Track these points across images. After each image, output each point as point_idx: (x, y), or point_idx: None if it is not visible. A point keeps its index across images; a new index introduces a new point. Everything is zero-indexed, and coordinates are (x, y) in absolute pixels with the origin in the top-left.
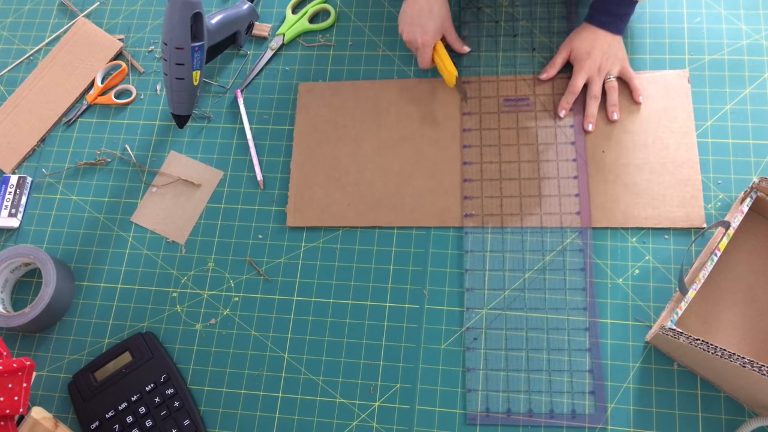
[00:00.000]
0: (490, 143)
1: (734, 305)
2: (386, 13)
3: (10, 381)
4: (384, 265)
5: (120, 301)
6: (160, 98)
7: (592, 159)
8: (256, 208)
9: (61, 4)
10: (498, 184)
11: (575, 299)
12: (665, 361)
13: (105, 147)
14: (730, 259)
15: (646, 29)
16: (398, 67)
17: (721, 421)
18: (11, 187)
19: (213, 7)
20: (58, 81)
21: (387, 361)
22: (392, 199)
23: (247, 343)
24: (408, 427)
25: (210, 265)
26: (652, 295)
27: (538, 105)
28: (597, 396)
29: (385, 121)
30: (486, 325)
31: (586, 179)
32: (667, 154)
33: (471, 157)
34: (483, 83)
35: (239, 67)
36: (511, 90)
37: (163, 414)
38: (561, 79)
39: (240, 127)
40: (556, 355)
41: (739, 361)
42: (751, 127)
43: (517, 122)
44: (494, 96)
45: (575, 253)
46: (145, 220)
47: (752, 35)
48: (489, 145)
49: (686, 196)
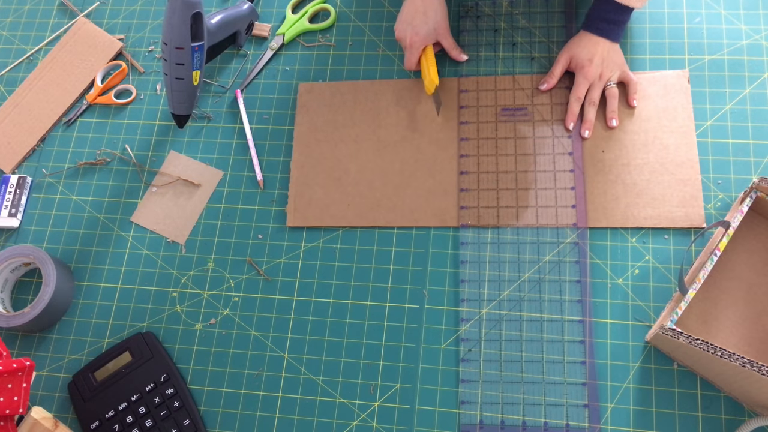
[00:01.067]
0: (487, 152)
1: (734, 305)
2: (386, 13)
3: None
4: (384, 265)
5: (120, 301)
6: (160, 98)
7: (592, 159)
8: (256, 208)
9: (61, 4)
10: (495, 194)
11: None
12: (665, 361)
13: (105, 147)
14: (730, 259)
15: (646, 29)
16: (398, 67)
17: (721, 421)
18: (11, 187)
19: (213, 7)
20: (58, 81)
21: (387, 361)
22: (392, 199)
23: (247, 343)
24: (408, 427)
25: (210, 265)
26: (651, 295)
27: (536, 114)
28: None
29: (385, 121)
30: (481, 336)
31: (583, 190)
32: (666, 154)
33: (467, 167)
34: (481, 92)
35: (239, 67)
36: (509, 99)
37: (163, 414)
38: (559, 89)
39: (240, 127)
40: (552, 368)
41: (739, 361)
42: (751, 127)
43: (514, 132)
44: (492, 105)
45: (572, 264)
46: (145, 220)
47: (752, 35)
48: (486, 154)
49: (686, 196)
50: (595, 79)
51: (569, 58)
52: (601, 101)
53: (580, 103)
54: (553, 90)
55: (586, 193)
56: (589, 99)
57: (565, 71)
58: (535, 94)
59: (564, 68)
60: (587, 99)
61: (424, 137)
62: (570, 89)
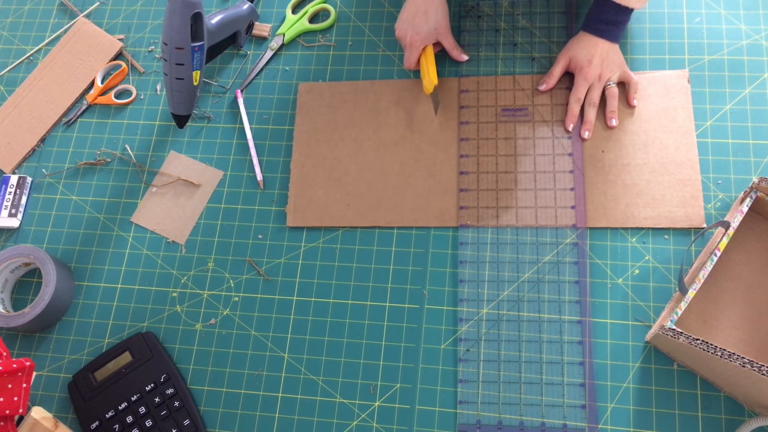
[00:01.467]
0: (487, 153)
1: (734, 305)
2: (386, 13)
3: (9, 381)
4: (384, 265)
5: (120, 301)
6: (160, 98)
7: (592, 159)
8: (256, 208)
9: (61, 4)
10: (494, 194)
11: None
12: (665, 361)
13: (105, 147)
14: (730, 259)
15: (646, 29)
16: (398, 67)
17: (721, 421)
18: (11, 187)
19: (213, 7)
20: (58, 81)
21: (387, 361)
22: (392, 199)
23: (247, 342)
24: (408, 427)
25: (210, 265)
26: (651, 295)
27: (536, 115)
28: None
29: (385, 121)
30: (480, 336)
31: (582, 191)
32: (666, 154)
33: (467, 167)
34: (481, 92)
35: (239, 67)
36: (510, 100)
37: (163, 414)
38: (559, 90)
39: (240, 127)
40: (550, 368)
41: (739, 361)
42: (751, 127)
43: (515, 132)
44: (492, 105)
45: (572, 265)
46: (145, 220)
47: (752, 35)
48: (486, 155)
49: (686, 196)
50: (594, 79)
51: (568, 59)
52: (602, 102)
53: (580, 104)
54: (554, 90)
55: (585, 194)
56: (588, 100)
57: (566, 72)
58: (535, 95)
59: (563, 69)
60: (587, 100)
61: (424, 137)
62: (570, 90)
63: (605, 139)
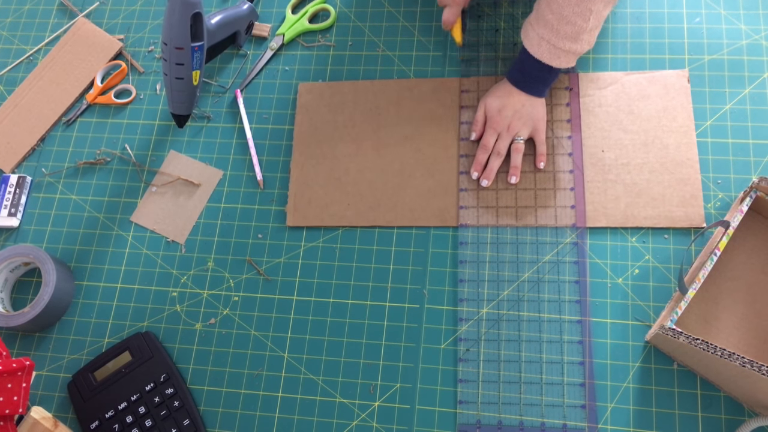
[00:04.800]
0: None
1: (734, 305)
2: (386, 13)
3: (9, 381)
4: (384, 264)
5: (119, 301)
6: (159, 98)
7: (592, 159)
8: (256, 208)
9: (61, 4)
10: (494, 194)
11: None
12: (665, 360)
13: (105, 146)
14: (729, 258)
15: (646, 29)
16: (398, 67)
17: (721, 420)
18: (11, 186)
19: (213, 7)
20: (57, 81)
21: (387, 360)
22: (392, 199)
23: (247, 342)
24: (408, 427)
25: (210, 265)
26: (651, 294)
27: None
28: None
29: (384, 121)
30: (479, 336)
31: (582, 191)
32: (666, 154)
33: (467, 167)
34: (481, 92)
35: (239, 67)
36: None
37: (163, 414)
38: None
39: (240, 127)
40: (550, 368)
41: (739, 361)
42: (751, 126)
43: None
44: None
45: (572, 264)
46: (145, 219)
47: (752, 35)
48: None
49: (686, 195)
50: (502, 130)
51: (484, 105)
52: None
53: (488, 153)
54: (553, 90)
55: (585, 193)
56: (495, 149)
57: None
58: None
59: (483, 114)
60: (494, 149)
61: (424, 137)
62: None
63: (605, 139)
